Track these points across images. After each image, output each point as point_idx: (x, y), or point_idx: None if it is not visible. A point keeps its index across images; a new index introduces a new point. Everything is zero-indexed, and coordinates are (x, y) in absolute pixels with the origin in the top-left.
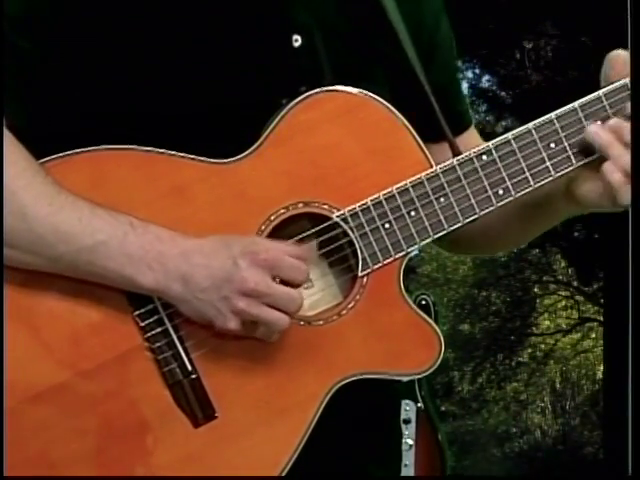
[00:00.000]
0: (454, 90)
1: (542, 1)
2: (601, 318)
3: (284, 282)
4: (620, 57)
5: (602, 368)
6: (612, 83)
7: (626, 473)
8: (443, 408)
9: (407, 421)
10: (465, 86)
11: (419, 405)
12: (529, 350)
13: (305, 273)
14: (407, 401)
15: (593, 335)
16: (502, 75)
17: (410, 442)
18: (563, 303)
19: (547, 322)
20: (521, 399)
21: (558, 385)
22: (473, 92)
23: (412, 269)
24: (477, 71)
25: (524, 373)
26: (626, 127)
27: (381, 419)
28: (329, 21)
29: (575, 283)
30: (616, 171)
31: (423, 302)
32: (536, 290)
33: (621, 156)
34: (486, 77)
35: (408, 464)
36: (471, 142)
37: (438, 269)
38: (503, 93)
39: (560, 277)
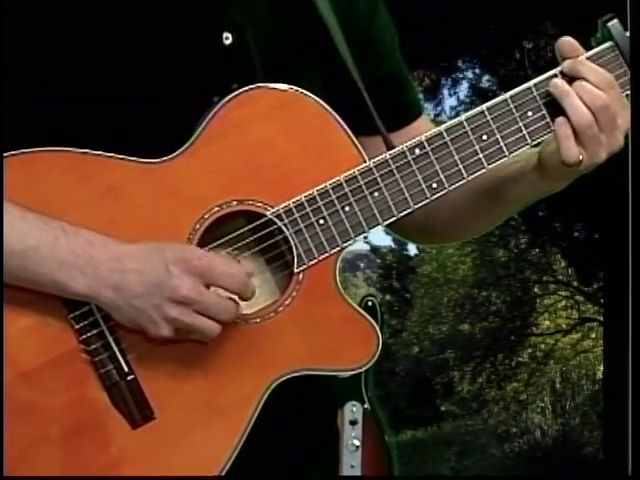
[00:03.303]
0: (400, 80)
1: (542, 1)
2: (601, 318)
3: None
4: (568, 41)
5: (602, 368)
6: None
7: (626, 473)
8: (443, 408)
9: (354, 422)
10: (465, 86)
11: (366, 406)
12: (529, 350)
13: (241, 281)
14: (354, 402)
15: (593, 335)
16: (502, 75)
17: (357, 443)
18: (563, 303)
19: (547, 322)
20: (521, 399)
21: (558, 385)
22: (473, 92)
23: (412, 269)
24: (477, 71)
25: (524, 373)
26: (589, 90)
27: (319, 420)
28: (261, 19)
29: (575, 283)
30: (566, 124)
31: (369, 303)
32: (536, 290)
33: (575, 107)
34: (486, 77)
35: (355, 465)
36: (422, 131)
37: (438, 269)
38: (503, 93)
39: (560, 277)
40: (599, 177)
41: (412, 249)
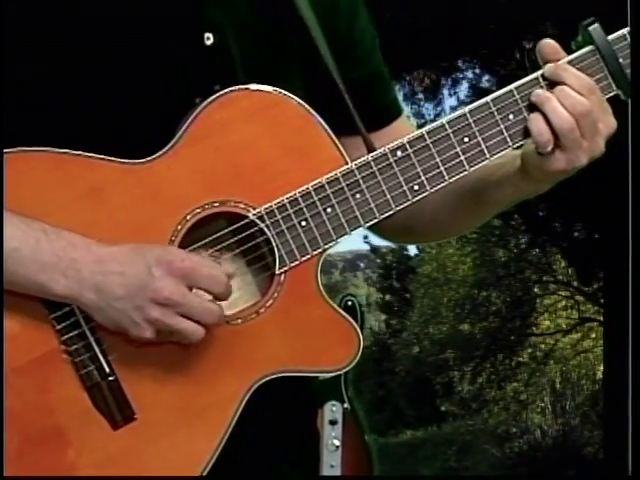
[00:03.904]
0: (380, 82)
1: (542, 1)
2: (601, 318)
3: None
4: (549, 44)
5: (602, 368)
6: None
7: (626, 473)
8: (443, 408)
9: (333, 422)
10: (465, 86)
11: (345, 406)
12: (529, 350)
13: (224, 284)
14: (333, 402)
15: (593, 335)
16: (502, 75)
17: (337, 443)
18: (563, 303)
19: (547, 322)
20: (521, 399)
21: (558, 385)
22: (473, 92)
23: (412, 269)
24: (477, 71)
25: (524, 373)
26: (570, 96)
27: (298, 419)
28: (242, 19)
29: (575, 283)
30: (541, 119)
31: (349, 303)
32: (536, 290)
33: (557, 111)
34: (486, 77)
35: (335, 465)
36: (401, 131)
37: (438, 269)
38: None
39: (560, 277)
40: (599, 177)
41: (412, 249)
